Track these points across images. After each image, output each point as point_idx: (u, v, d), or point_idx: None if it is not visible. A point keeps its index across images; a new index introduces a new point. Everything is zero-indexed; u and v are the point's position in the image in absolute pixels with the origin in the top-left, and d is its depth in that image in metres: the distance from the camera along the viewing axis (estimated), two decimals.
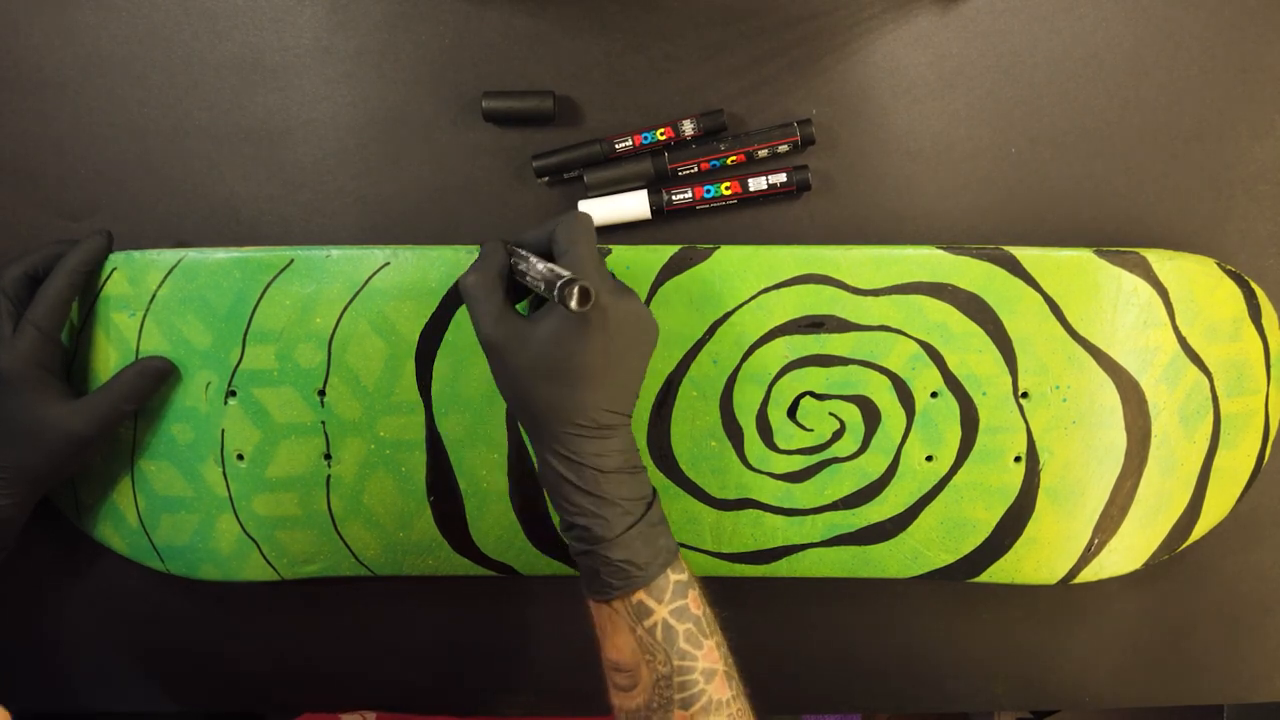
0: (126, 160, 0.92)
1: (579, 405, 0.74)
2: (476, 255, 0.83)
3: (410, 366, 0.87)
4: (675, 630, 0.76)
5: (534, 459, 0.88)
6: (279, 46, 0.91)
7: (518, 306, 0.78)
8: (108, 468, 0.91)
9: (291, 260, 0.87)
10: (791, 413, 0.88)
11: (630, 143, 0.90)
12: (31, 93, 0.91)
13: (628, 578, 0.75)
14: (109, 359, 0.89)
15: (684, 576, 0.77)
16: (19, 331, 0.82)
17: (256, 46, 0.91)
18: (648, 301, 0.87)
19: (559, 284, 0.67)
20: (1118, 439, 0.88)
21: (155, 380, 0.87)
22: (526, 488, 0.90)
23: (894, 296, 0.86)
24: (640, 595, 0.75)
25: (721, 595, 0.97)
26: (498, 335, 0.75)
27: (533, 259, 0.74)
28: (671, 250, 0.86)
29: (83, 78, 0.91)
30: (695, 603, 0.77)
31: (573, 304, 0.66)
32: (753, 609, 0.99)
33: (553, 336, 0.73)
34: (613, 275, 0.79)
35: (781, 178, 0.90)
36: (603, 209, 0.91)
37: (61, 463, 0.84)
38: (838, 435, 0.89)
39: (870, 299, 0.86)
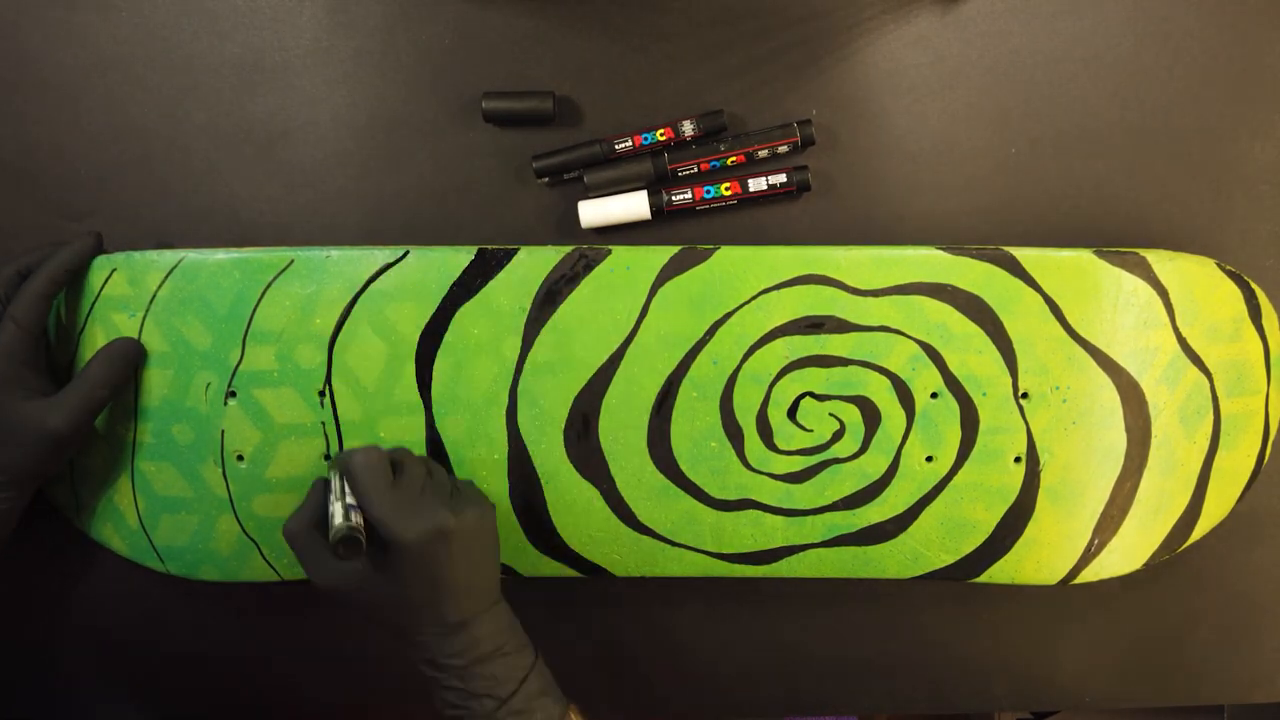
0: (126, 161, 0.92)
1: (421, 621, 0.79)
2: (471, 258, 0.86)
3: (410, 367, 0.87)
4: None
5: (537, 469, 0.90)
6: (279, 47, 0.91)
7: None
8: (107, 468, 0.91)
9: (291, 261, 0.87)
10: (791, 413, 0.88)
11: (630, 143, 0.90)
12: (31, 93, 0.91)
13: None
14: None
15: None
16: None
17: (256, 47, 0.91)
18: (648, 302, 0.87)
19: (331, 536, 0.75)
20: (1118, 439, 0.88)
21: (124, 363, 0.87)
22: (526, 489, 0.90)
23: (894, 297, 0.86)
24: None
25: (722, 596, 0.97)
26: (328, 582, 0.79)
27: (337, 491, 0.79)
28: (672, 251, 0.86)
29: (82, 79, 0.91)
30: None
31: (342, 554, 0.75)
32: (752, 609, 0.99)
33: (372, 573, 0.78)
34: (428, 485, 0.81)
35: (781, 178, 0.90)
36: (603, 209, 0.90)
37: (44, 458, 0.84)
38: (838, 436, 0.89)
39: (870, 299, 0.86)
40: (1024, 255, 0.86)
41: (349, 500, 0.77)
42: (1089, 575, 0.92)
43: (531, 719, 0.79)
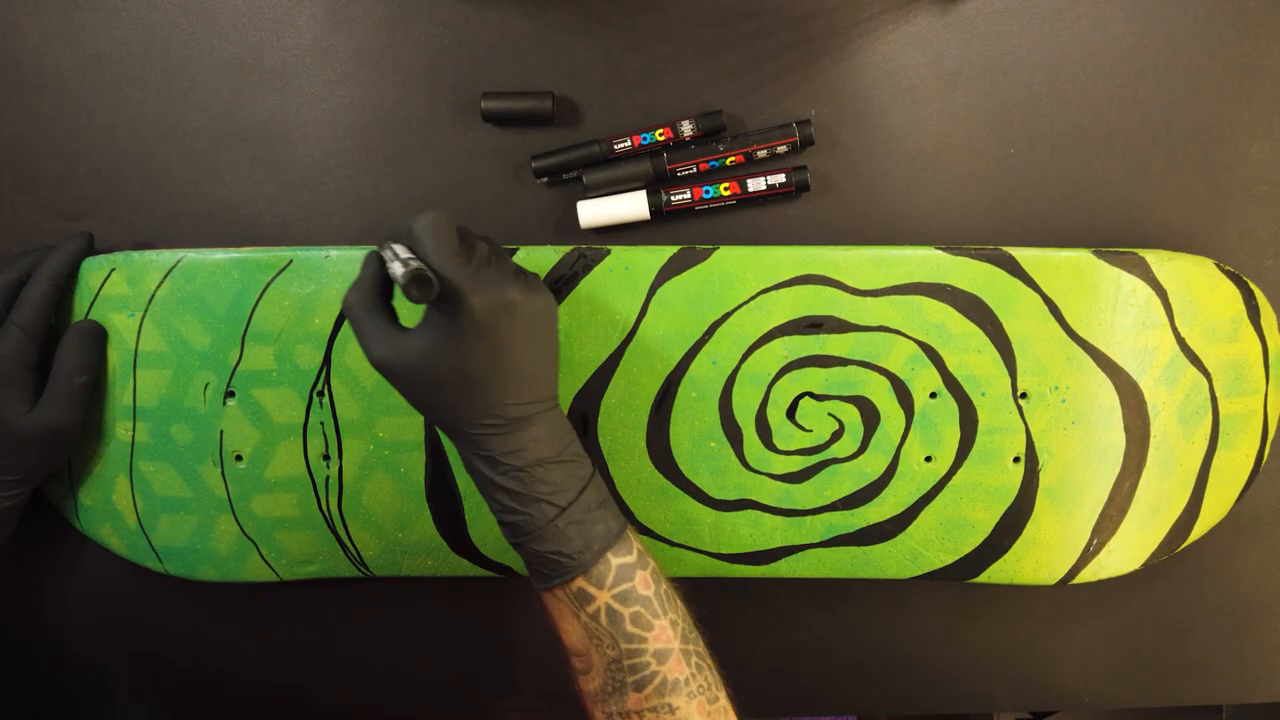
0: (125, 161, 0.92)
1: (481, 406, 0.74)
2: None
3: None
4: (620, 614, 0.75)
5: None
6: (278, 47, 0.91)
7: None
8: (106, 468, 0.91)
9: (290, 261, 0.87)
10: (790, 413, 0.88)
11: (629, 143, 0.90)
12: (31, 93, 0.91)
13: (560, 568, 0.75)
14: (110, 360, 0.89)
15: (630, 558, 0.77)
16: (3, 333, 0.83)
17: (255, 47, 0.91)
18: (647, 302, 0.87)
19: (400, 279, 0.67)
20: (1116, 439, 0.88)
21: (89, 342, 0.87)
22: None
23: (893, 297, 0.86)
24: (579, 583, 0.75)
25: (722, 596, 0.97)
26: (386, 356, 0.74)
27: (398, 253, 0.72)
28: (671, 251, 0.87)
29: (82, 78, 0.91)
30: (645, 583, 0.77)
31: (415, 295, 0.66)
32: (752, 610, 0.99)
33: (433, 345, 0.73)
34: (493, 260, 0.76)
35: (780, 178, 0.90)
36: (602, 210, 0.90)
37: (45, 454, 0.86)
38: (837, 436, 0.89)
39: (869, 299, 0.86)
40: (1023, 255, 0.86)
41: (413, 262, 0.69)
42: (1088, 575, 0.92)
43: (591, 529, 0.75)
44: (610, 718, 0.76)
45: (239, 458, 0.89)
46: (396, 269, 0.69)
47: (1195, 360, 0.88)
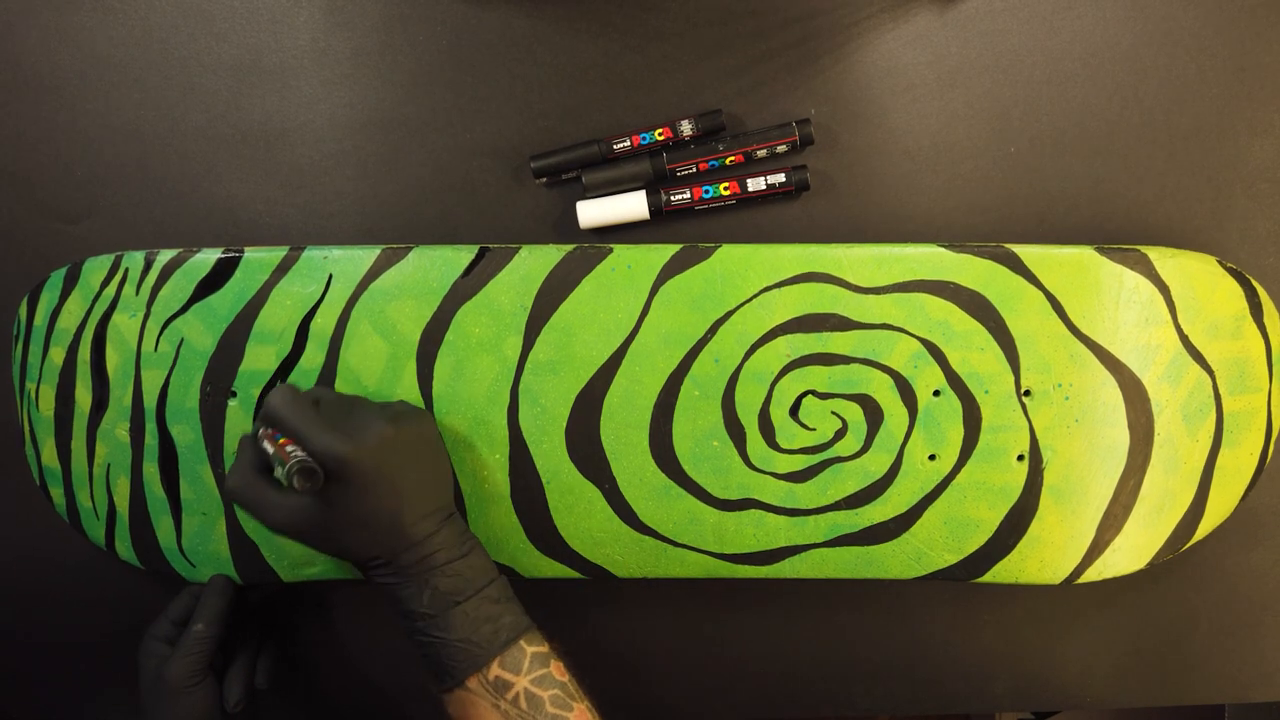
0: (123, 163, 0.92)
1: (385, 537, 0.77)
2: (472, 257, 0.87)
3: (411, 366, 0.87)
4: (540, 698, 0.77)
5: (538, 469, 0.89)
6: (276, 48, 0.91)
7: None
8: (106, 469, 0.90)
9: (292, 260, 0.86)
10: (794, 412, 0.88)
11: (629, 143, 0.89)
12: (28, 95, 0.91)
13: (472, 655, 0.77)
14: (111, 360, 0.88)
15: (543, 649, 0.80)
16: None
17: (254, 48, 0.91)
18: (649, 300, 0.87)
19: (286, 478, 0.72)
20: (1120, 437, 0.88)
21: (212, 595, 0.90)
22: (527, 488, 0.90)
23: (896, 295, 0.86)
24: (495, 670, 0.77)
25: (723, 596, 0.97)
26: (283, 521, 0.77)
27: (267, 448, 0.76)
28: (673, 249, 0.86)
29: (80, 80, 0.91)
30: (559, 671, 0.79)
31: (307, 487, 0.72)
32: (754, 610, 0.99)
33: (324, 499, 0.76)
34: (349, 405, 0.82)
35: (780, 178, 0.90)
36: (601, 210, 0.90)
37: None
38: (840, 434, 0.88)
39: (872, 297, 0.86)
40: (1025, 252, 0.86)
41: (283, 444, 0.75)
42: (1093, 575, 0.91)
43: (500, 619, 0.79)
44: None
45: None
46: (277, 460, 0.74)
47: (1198, 357, 0.88)
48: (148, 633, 0.88)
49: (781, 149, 0.90)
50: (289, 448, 0.74)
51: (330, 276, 0.86)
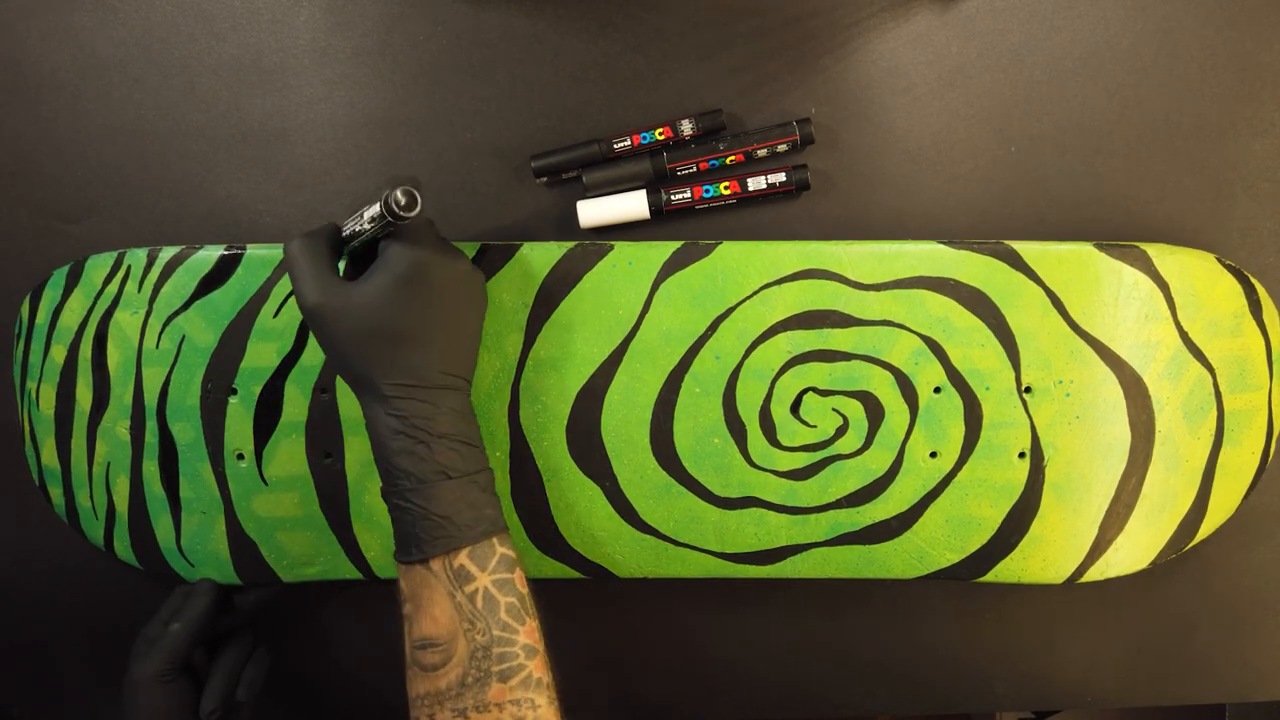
0: (124, 162, 0.92)
1: (406, 366, 0.75)
2: (473, 254, 0.87)
3: None
4: (497, 601, 0.75)
5: (539, 466, 0.89)
6: (276, 48, 0.91)
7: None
8: (106, 468, 0.90)
9: None
10: (795, 409, 0.88)
11: (629, 143, 0.90)
12: (29, 94, 0.91)
13: (446, 535, 0.74)
14: (113, 358, 0.88)
15: (511, 553, 0.77)
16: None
17: (254, 48, 0.91)
18: (649, 298, 0.87)
19: (385, 195, 0.69)
20: (1122, 434, 0.88)
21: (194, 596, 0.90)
22: (528, 487, 0.90)
23: (896, 291, 0.86)
24: (462, 559, 0.74)
25: (724, 596, 0.97)
26: (320, 301, 0.74)
27: (350, 223, 0.76)
28: (674, 246, 0.87)
29: (80, 79, 0.91)
30: (521, 581, 0.77)
31: (401, 203, 0.69)
32: (754, 610, 0.99)
33: (377, 296, 0.74)
34: (439, 238, 0.80)
35: (780, 177, 0.90)
36: (602, 209, 0.90)
37: None
38: (841, 431, 0.88)
39: (872, 294, 0.86)
40: (1025, 249, 0.86)
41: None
42: (1096, 574, 0.91)
43: (482, 510, 0.76)
44: (461, 715, 0.74)
45: (241, 456, 0.89)
46: (367, 212, 0.73)
47: (1199, 354, 0.88)
48: (140, 632, 0.88)
49: (782, 148, 0.90)
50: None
51: None
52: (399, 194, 0.68)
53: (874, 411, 0.88)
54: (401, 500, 0.75)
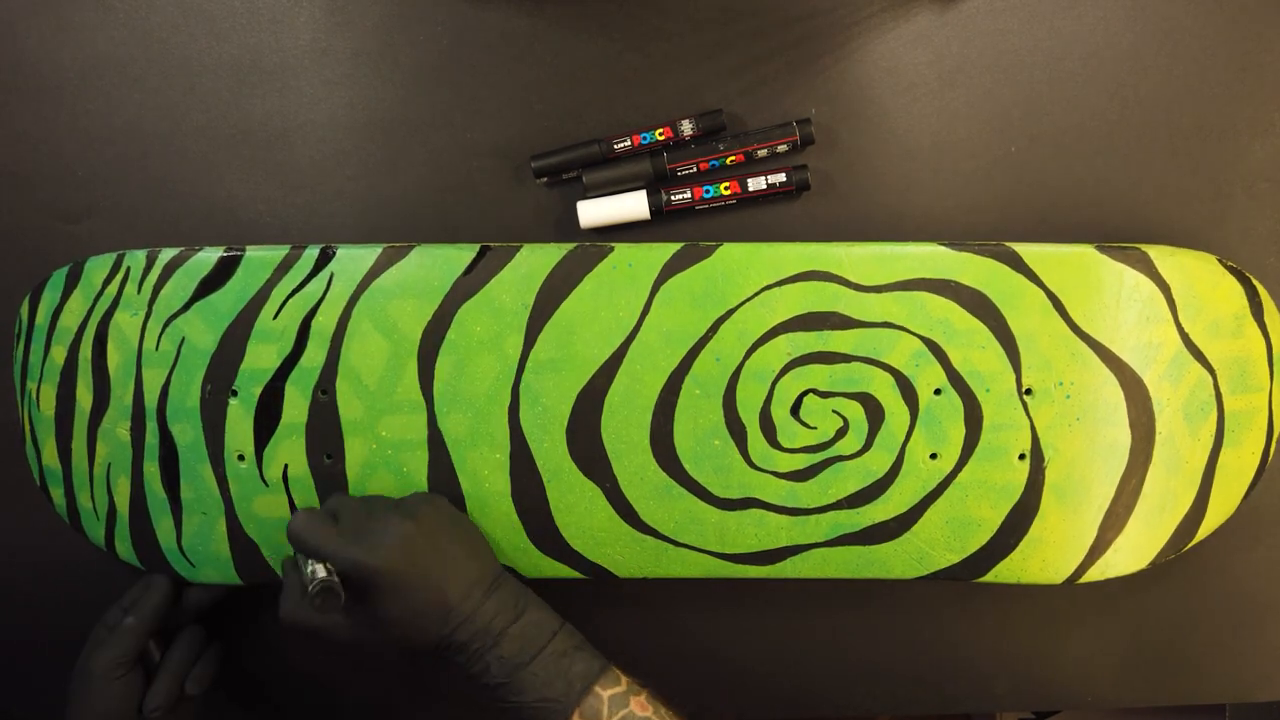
0: (124, 162, 0.92)
1: (436, 622, 0.80)
2: (473, 255, 0.87)
3: (412, 365, 0.87)
4: None
5: (539, 467, 0.89)
6: (276, 48, 0.91)
7: None
8: (106, 469, 0.90)
9: (293, 259, 0.86)
10: (795, 411, 0.88)
11: (629, 143, 0.90)
12: (29, 94, 0.91)
13: (549, 714, 0.79)
14: (113, 359, 0.88)
15: (619, 689, 0.81)
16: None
17: (254, 48, 0.91)
18: (650, 299, 0.86)
19: (310, 601, 0.76)
20: (1122, 436, 0.88)
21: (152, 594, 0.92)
22: (528, 488, 0.89)
23: (896, 293, 0.86)
24: None
25: (724, 596, 0.97)
26: (345, 640, 0.82)
27: (305, 570, 0.79)
28: (674, 248, 0.86)
29: (80, 79, 0.91)
30: (641, 707, 0.81)
31: (326, 606, 0.76)
32: (754, 610, 0.99)
33: (367, 615, 0.80)
34: (364, 510, 0.85)
35: (781, 177, 0.90)
36: (602, 209, 0.90)
37: None
38: (841, 433, 0.88)
39: (873, 295, 0.86)
40: (1026, 251, 0.86)
41: (319, 571, 0.77)
42: (1095, 574, 0.91)
43: (571, 669, 0.80)
44: None
45: (241, 457, 0.89)
46: (308, 580, 0.77)
47: (1199, 356, 0.88)
48: (100, 619, 0.90)
49: (782, 148, 0.90)
50: (313, 568, 0.77)
51: (331, 275, 0.86)
52: (319, 603, 0.75)
53: (874, 413, 0.88)
54: (499, 704, 0.81)
